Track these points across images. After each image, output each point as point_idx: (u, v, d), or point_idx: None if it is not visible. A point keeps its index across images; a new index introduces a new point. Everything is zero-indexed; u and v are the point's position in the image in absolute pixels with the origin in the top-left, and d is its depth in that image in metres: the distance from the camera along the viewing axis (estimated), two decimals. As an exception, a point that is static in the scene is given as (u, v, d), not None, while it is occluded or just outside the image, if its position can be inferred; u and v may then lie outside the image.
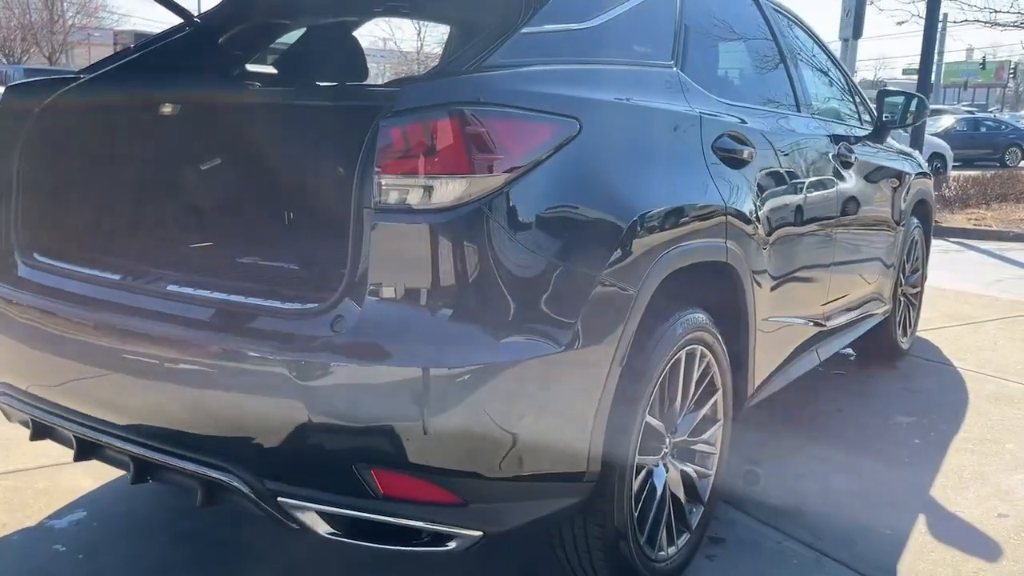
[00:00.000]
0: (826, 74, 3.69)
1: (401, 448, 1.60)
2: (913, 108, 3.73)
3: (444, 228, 1.61)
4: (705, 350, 2.28)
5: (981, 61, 51.26)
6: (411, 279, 1.62)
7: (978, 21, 13.03)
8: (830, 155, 3.13)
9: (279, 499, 1.69)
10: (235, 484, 1.70)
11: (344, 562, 2.38)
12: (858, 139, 3.55)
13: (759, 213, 2.49)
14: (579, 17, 2.08)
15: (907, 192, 4.06)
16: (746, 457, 3.14)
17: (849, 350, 4.57)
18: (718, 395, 2.40)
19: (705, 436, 2.38)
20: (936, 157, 15.95)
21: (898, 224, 3.94)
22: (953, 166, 16.99)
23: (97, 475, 2.84)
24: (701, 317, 2.23)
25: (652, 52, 2.28)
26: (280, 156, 2.76)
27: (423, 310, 1.62)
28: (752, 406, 2.73)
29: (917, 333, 4.92)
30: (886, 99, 3.74)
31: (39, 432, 2.11)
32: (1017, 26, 13.22)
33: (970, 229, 10.09)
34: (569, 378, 1.78)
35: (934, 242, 9.19)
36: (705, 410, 2.36)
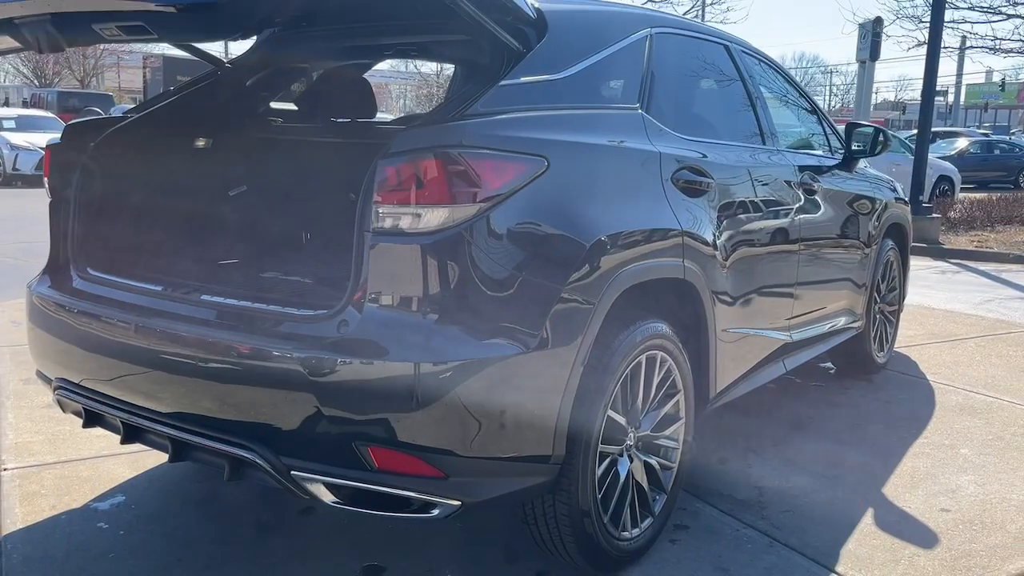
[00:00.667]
0: (796, 111, 4.03)
1: (393, 429, 1.94)
2: (881, 139, 4.06)
3: (430, 248, 1.96)
4: (666, 355, 2.61)
5: (1000, 83, 51.19)
6: (403, 290, 1.97)
7: (984, 48, 13.29)
8: (793, 183, 3.46)
9: (292, 472, 2.03)
10: (256, 460, 2.05)
11: (349, 542, 2.71)
12: (826, 168, 3.88)
13: (717, 236, 2.82)
14: (555, 68, 2.44)
15: (878, 216, 4.37)
16: (717, 456, 3.46)
17: (829, 364, 4.88)
18: (680, 396, 2.72)
19: (668, 432, 2.70)
20: (944, 180, 16.16)
21: (868, 245, 4.24)
22: (967, 188, 17.17)
23: (135, 466, 3.21)
24: (661, 327, 2.56)
25: (619, 97, 2.63)
26: (298, 184, 3.14)
27: (413, 315, 1.97)
28: (719, 407, 3.04)
29: (898, 349, 5.21)
30: (854, 131, 4.06)
31: (91, 420, 2.46)
32: (1021, 52, 13.47)
33: (972, 251, 10.30)
34: (536, 375, 2.12)
35: (932, 263, 9.52)
36: (667, 409, 2.68)
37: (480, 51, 2.67)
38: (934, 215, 11.02)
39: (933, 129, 30.84)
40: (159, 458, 3.26)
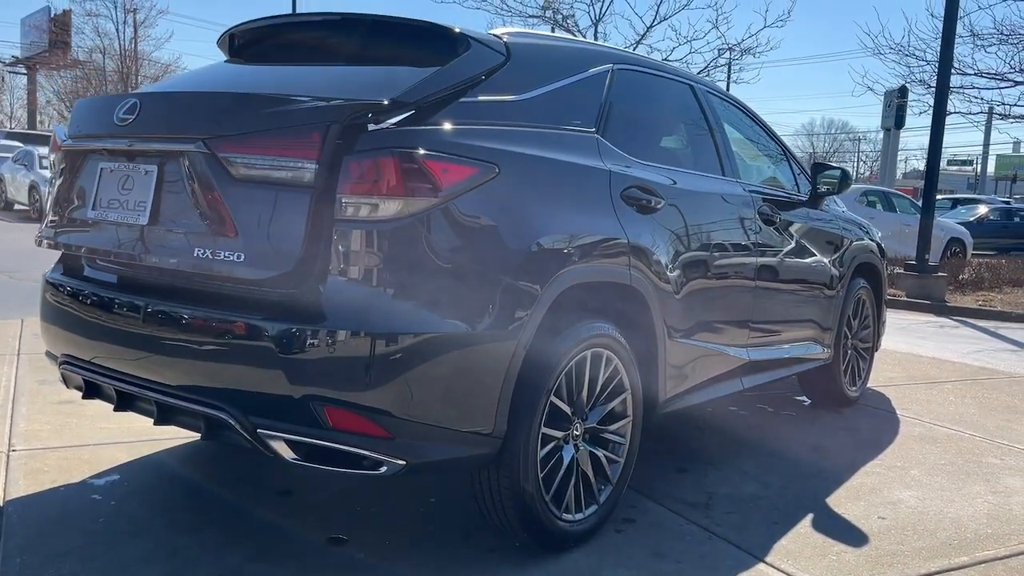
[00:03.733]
0: (763, 150, 4.33)
1: (346, 392, 2.21)
2: (845, 180, 4.33)
3: (387, 234, 2.25)
4: (611, 354, 2.86)
5: (1026, 154, 51.23)
6: (361, 270, 2.25)
7: (983, 113, 13.58)
8: (751, 212, 3.73)
9: (258, 431, 2.29)
10: (228, 420, 2.31)
11: (318, 519, 2.95)
12: (789, 203, 4.15)
13: (666, 251, 3.09)
14: (516, 91, 2.76)
15: (846, 253, 4.61)
16: (677, 466, 3.67)
17: (804, 398, 5.07)
18: (627, 395, 2.95)
19: (614, 428, 2.93)
20: (955, 242, 16.31)
21: (833, 279, 4.48)
22: (987, 254, 17.26)
23: (132, 452, 3.48)
24: (607, 327, 2.81)
25: (576, 120, 2.93)
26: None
27: (370, 291, 2.25)
28: (668, 412, 3.26)
29: (876, 388, 5.40)
30: (821, 173, 4.34)
31: (90, 391, 2.75)
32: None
33: (975, 309, 10.43)
34: (480, 353, 2.38)
35: (933, 319, 9.67)
36: (614, 405, 2.92)
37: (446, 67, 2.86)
38: (940, 274, 11.18)
39: (956, 196, 30.84)
40: (155, 446, 3.56)
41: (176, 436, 3.56)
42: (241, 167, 2.31)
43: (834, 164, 4.49)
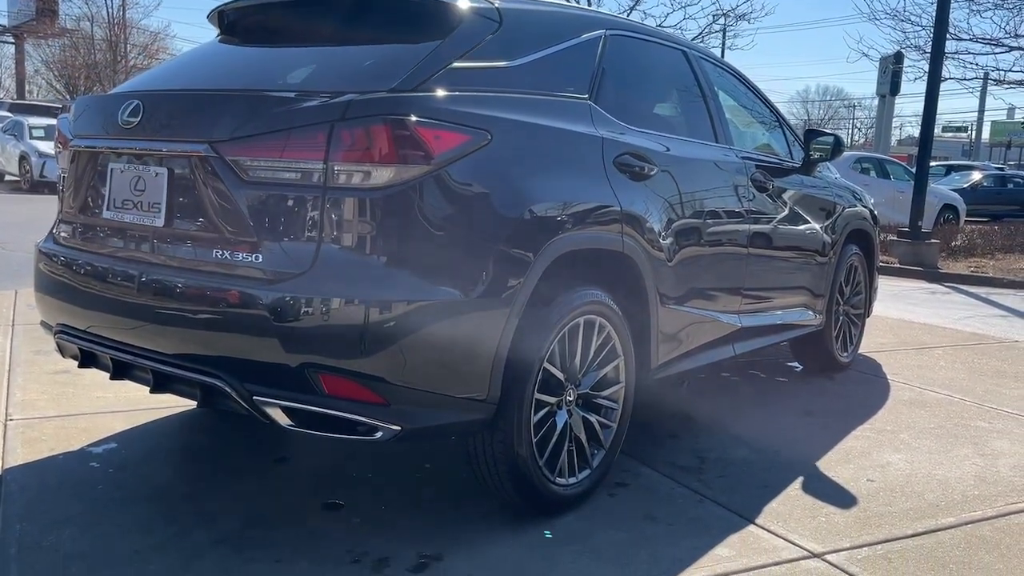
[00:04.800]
0: (756, 117, 4.32)
1: (341, 359, 2.23)
2: (838, 146, 4.33)
3: (380, 202, 2.25)
4: (604, 321, 2.87)
5: (1022, 122, 51.18)
6: (353, 238, 2.26)
7: (978, 78, 13.54)
8: (744, 180, 3.74)
9: (254, 398, 2.31)
10: (223, 387, 2.33)
11: (315, 485, 2.99)
12: (782, 169, 4.15)
13: (659, 218, 3.10)
14: (508, 57, 2.74)
15: (838, 220, 4.63)
16: (669, 432, 3.72)
17: (796, 363, 5.12)
18: (619, 361, 2.98)
19: (607, 393, 2.96)
20: (948, 208, 16.34)
21: (826, 246, 4.50)
22: (981, 221, 17.32)
23: (130, 420, 3.51)
24: (600, 294, 2.83)
25: (569, 87, 2.92)
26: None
27: (363, 259, 2.26)
28: (660, 379, 3.30)
29: (867, 354, 5.44)
30: (814, 139, 4.34)
31: (86, 360, 2.76)
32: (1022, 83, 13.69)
33: (967, 275, 10.48)
34: (474, 320, 2.40)
35: (926, 285, 9.73)
36: (607, 371, 2.94)
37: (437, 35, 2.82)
38: (933, 241, 11.21)
39: (950, 163, 30.86)
40: (152, 414, 3.58)
41: (173, 405, 3.59)
42: (251, 170, 2.31)
43: (827, 131, 4.50)
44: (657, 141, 3.22)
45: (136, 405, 3.64)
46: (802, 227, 4.28)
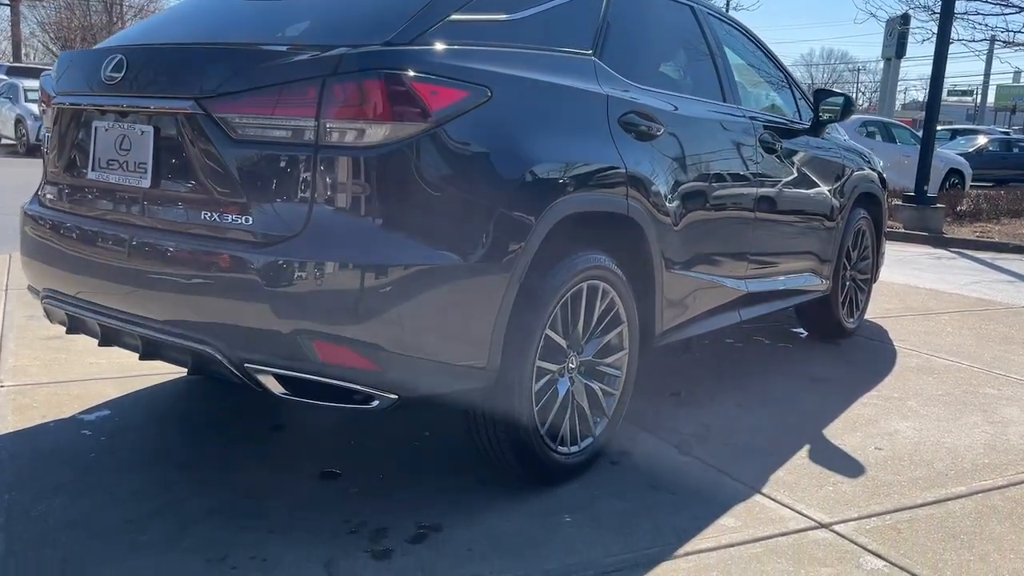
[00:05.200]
0: (765, 76, 4.19)
1: (335, 325, 2.15)
2: (848, 107, 4.20)
3: (374, 161, 2.15)
4: (608, 287, 2.79)
5: (1027, 85, 50.60)
6: (347, 200, 2.16)
7: (986, 40, 13.30)
8: (752, 141, 3.63)
9: (246, 365, 2.24)
10: (214, 354, 2.25)
11: (311, 454, 2.93)
12: (791, 131, 4.04)
13: (666, 180, 3.00)
14: (509, 9, 2.63)
15: (847, 183, 4.52)
16: (673, 399, 3.65)
17: (800, 330, 5.04)
18: (623, 328, 2.90)
19: (610, 360, 2.88)
20: (954, 173, 16.17)
21: (834, 210, 4.40)
22: (986, 186, 17.14)
23: (123, 387, 3.44)
24: (603, 259, 2.74)
25: (572, 41, 2.80)
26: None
27: (358, 222, 2.17)
28: (664, 345, 3.22)
29: (873, 320, 5.37)
30: (823, 99, 4.21)
31: (74, 326, 2.68)
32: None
33: (972, 240, 10.38)
34: (472, 285, 2.32)
35: (931, 251, 9.63)
36: (610, 338, 2.87)
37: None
38: (938, 205, 11.09)
39: (955, 127, 30.58)
40: (146, 381, 3.52)
41: (168, 371, 3.52)
42: (239, 127, 2.20)
43: (837, 90, 4.36)
44: (664, 100, 3.11)
45: (130, 371, 3.57)
46: (810, 191, 4.18)
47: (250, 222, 2.20)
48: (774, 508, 2.66)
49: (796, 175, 4.01)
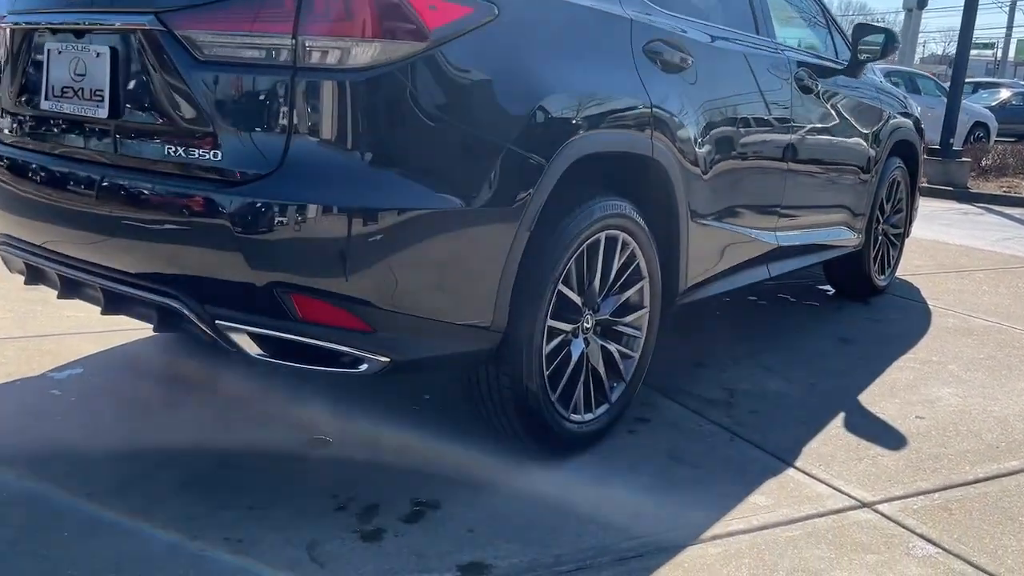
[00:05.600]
0: (802, 11, 3.83)
1: (317, 278, 1.86)
2: (890, 43, 3.83)
3: (360, 87, 1.85)
4: (628, 237, 2.49)
5: (1052, 38, 49.28)
6: (331, 131, 1.86)
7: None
8: (787, 78, 3.29)
9: (217, 322, 1.96)
10: (181, 309, 1.98)
11: (300, 419, 2.67)
12: (827, 70, 3.69)
13: (694, 118, 2.68)
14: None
15: (883, 129, 4.17)
16: (695, 360, 3.37)
17: (828, 287, 4.74)
18: (644, 283, 2.61)
19: (629, 319, 2.60)
20: (979, 126, 15.67)
21: (870, 161, 4.06)
22: (1008, 140, 16.63)
23: (99, 343, 3.18)
24: (624, 206, 2.44)
25: (592, -42, 2.46)
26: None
27: (342, 158, 1.87)
28: (687, 303, 2.93)
29: (903, 277, 5.06)
30: (863, 36, 3.85)
31: (32, 276, 2.41)
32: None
33: (999, 195, 10.00)
34: (476, 234, 2.02)
35: (957, 206, 9.26)
36: (630, 295, 2.58)
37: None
38: (964, 159, 10.68)
39: (977, 79, 29.83)
40: (125, 336, 3.25)
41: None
42: (206, 47, 1.88)
43: (878, 25, 3.99)
44: (694, 28, 2.78)
45: (109, 326, 3.28)
46: (846, 137, 3.84)
47: (219, 157, 1.90)
48: (809, 484, 2.40)
49: (832, 120, 3.68)
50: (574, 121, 2.19)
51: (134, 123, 2.04)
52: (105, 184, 2.05)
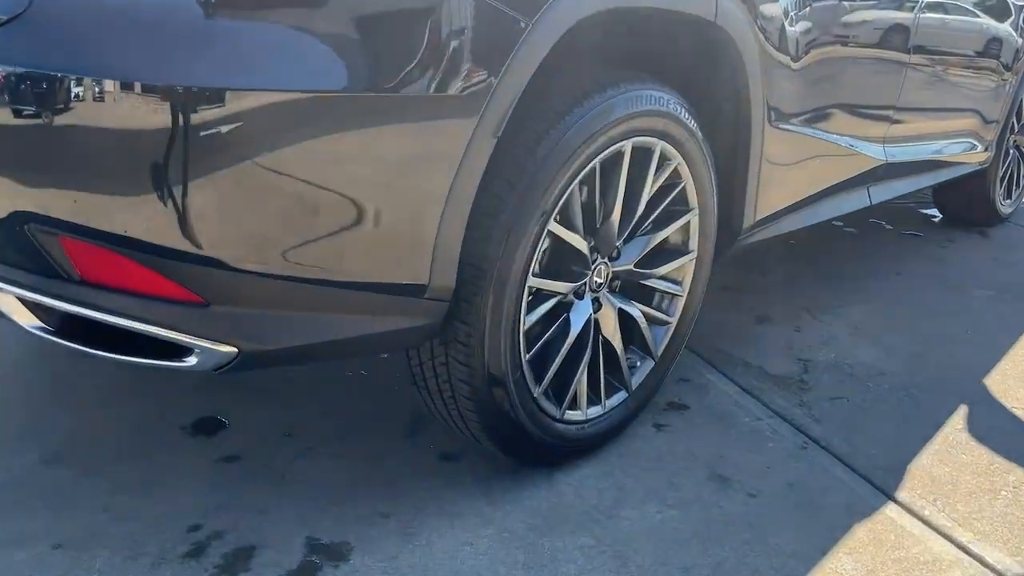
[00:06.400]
0: None
1: (103, 210, 1.06)
2: None
3: None
4: (670, 148, 1.63)
5: None
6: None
7: None
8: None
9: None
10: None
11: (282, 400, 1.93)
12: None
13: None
14: None
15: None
16: (755, 313, 2.53)
17: (934, 211, 3.78)
18: (691, 217, 1.76)
19: (664, 270, 1.76)
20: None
21: (1008, 55, 3.04)
22: None
23: None
24: (665, 98, 1.57)
25: None
26: None
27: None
28: (751, 244, 2.07)
29: (1027, 200, 4.05)
30: None
31: None
32: None
33: None
34: (399, 139, 1.18)
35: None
36: (668, 233, 1.73)
37: None
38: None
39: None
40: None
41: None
42: None
43: None
44: None
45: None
46: (984, 22, 2.82)
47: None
48: (921, 536, 1.59)
49: (964, 7, 2.67)
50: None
51: None
52: None
